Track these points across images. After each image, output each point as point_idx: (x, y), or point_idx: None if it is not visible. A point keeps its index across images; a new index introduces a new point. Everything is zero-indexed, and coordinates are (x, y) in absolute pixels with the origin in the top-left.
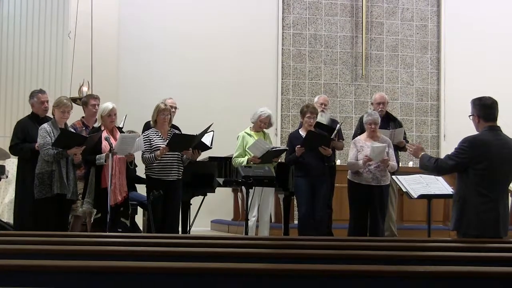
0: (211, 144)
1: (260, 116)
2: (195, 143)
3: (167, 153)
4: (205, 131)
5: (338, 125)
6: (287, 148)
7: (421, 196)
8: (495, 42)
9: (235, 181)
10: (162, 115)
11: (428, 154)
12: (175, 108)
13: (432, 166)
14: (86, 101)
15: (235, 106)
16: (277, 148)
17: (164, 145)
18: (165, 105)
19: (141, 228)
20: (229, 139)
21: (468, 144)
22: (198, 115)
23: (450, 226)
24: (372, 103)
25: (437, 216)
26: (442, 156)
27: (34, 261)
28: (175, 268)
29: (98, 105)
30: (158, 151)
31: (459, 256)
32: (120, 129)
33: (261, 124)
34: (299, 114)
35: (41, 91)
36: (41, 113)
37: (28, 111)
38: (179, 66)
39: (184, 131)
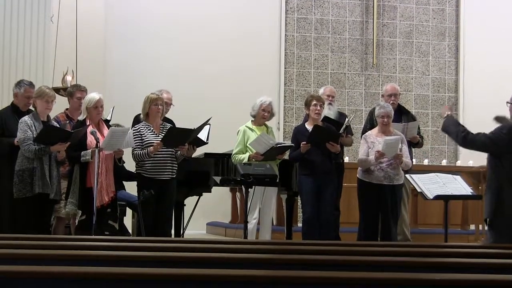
0: (207, 139)
1: (262, 105)
2: (191, 138)
3: (159, 149)
4: (203, 125)
5: (347, 119)
6: (292, 144)
7: (438, 197)
8: None
9: (234, 179)
10: (155, 105)
11: (455, 118)
12: (171, 104)
13: (461, 135)
14: (72, 92)
15: (233, 97)
16: (282, 144)
17: (157, 141)
18: (157, 95)
19: (130, 231)
20: (226, 133)
21: (507, 131)
22: (193, 106)
23: (484, 214)
24: (383, 95)
25: (455, 219)
26: (461, 155)
27: (12, 266)
28: (167, 274)
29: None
30: (152, 147)
31: (479, 263)
32: (107, 122)
33: (264, 114)
34: (303, 106)
35: (31, 85)
36: (23, 107)
37: (5, 103)
38: (172, 53)
39: (178, 124)
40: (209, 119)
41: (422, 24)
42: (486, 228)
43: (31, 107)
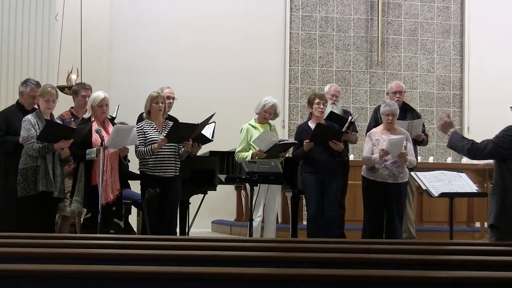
0: (212, 137)
1: (264, 106)
2: (196, 133)
3: (162, 146)
4: (207, 121)
5: (350, 117)
6: (295, 141)
7: (443, 195)
8: None
9: (239, 177)
10: (156, 103)
11: (459, 133)
12: (173, 98)
13: (466, 148)
14: (77, 90)
15: (238, 95)
16: (285, 142)
17: (161, 137)
18: (158, 93)
19: (135, 229)
20: (232, 131)
21: None
22: (197, 105)
23: (489, 220)
24: (387, 93)
25: (460, 216)
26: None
27: (17, 265)
28: (172, 273)
29: (89, 96)
30: (155, 144)
31: (485, 261)
32: (112, 119)
33: (266, 115)
34: (307, 104)
35: (38, 84)
36: (28, 106)
37: (10, 101)
38: (176, 52)
39: None
40: (213, 114)
41: (427, 22)
42: (489, 229)
43: (36, 106)
